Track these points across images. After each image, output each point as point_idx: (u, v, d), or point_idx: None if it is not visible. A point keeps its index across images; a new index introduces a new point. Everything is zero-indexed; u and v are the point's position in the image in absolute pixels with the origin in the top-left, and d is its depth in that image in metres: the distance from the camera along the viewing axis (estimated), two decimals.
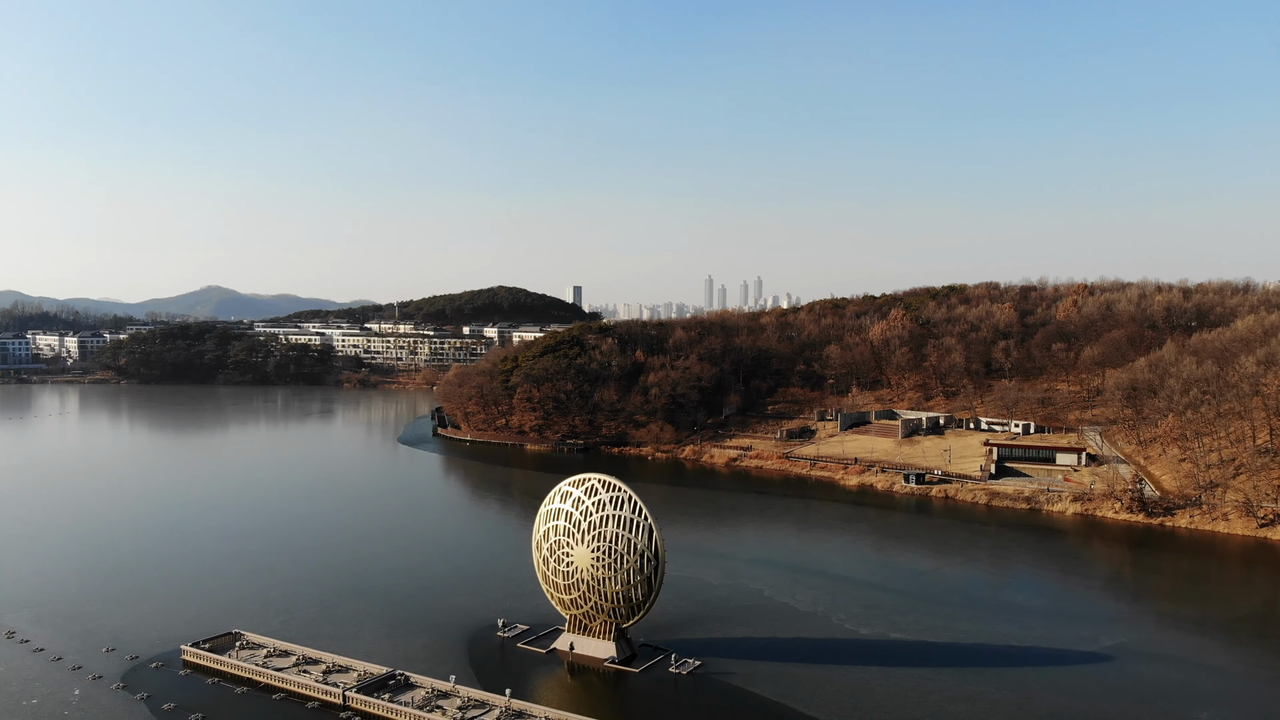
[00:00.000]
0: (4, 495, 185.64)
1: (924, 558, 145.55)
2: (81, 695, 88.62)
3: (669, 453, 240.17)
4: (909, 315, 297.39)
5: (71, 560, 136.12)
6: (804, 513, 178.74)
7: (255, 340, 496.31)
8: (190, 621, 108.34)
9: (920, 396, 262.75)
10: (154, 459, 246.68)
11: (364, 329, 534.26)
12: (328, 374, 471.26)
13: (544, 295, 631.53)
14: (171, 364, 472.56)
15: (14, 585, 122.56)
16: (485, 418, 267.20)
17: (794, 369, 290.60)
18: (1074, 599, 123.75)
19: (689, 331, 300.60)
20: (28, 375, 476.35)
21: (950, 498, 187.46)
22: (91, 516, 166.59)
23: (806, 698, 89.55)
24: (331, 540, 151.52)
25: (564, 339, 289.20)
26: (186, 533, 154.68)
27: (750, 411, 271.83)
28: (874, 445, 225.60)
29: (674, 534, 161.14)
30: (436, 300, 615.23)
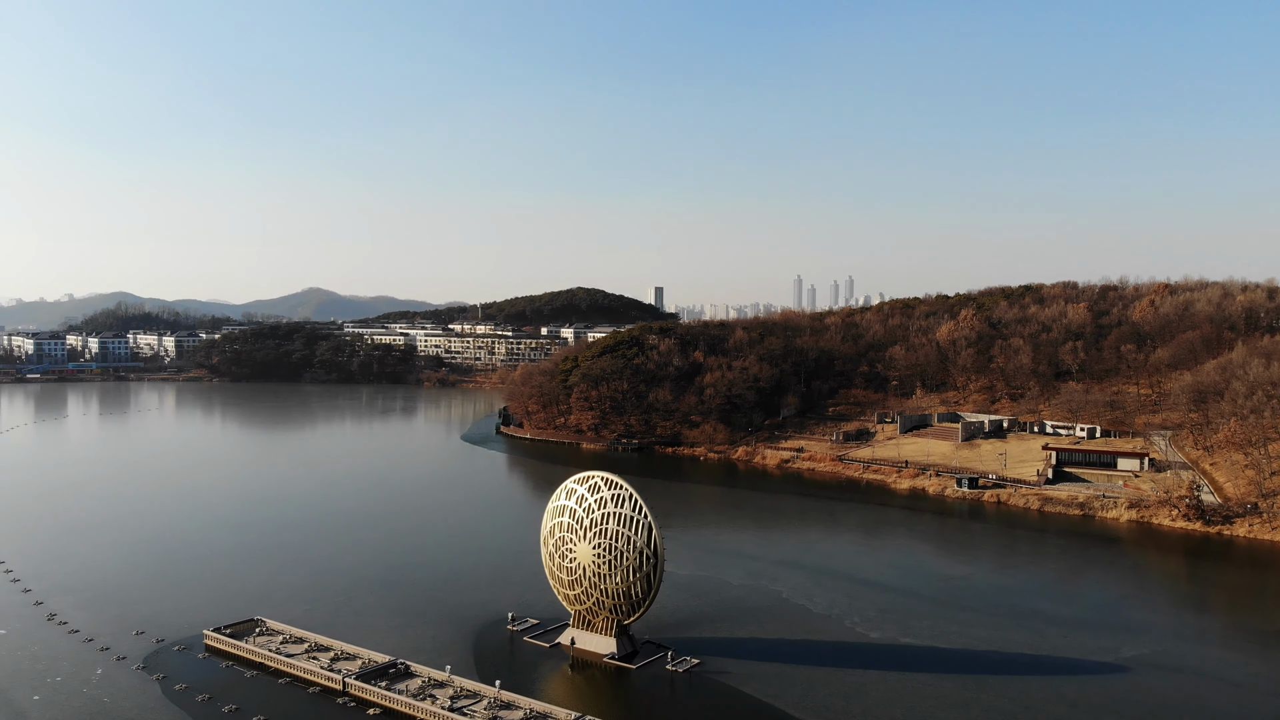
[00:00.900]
0: (79, 486, 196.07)
1: (958, 563, 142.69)
2: (102, 674, 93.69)
3: (722, 453, 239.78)
4: (979, 315, 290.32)
5: (123, 548, 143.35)
6: (846, 516, 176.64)
7: (341, 340, 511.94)
8: (220, 608, 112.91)
9: (986, 399, 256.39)
10: (229, 453, 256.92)
11: (446, 330, 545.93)
12: (409, 373, 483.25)
13: (621, 296, 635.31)
14: (261, 362, 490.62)
15: (65, 571, 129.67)
16: (545, 416, 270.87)
17: (857, 370, 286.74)
18: (1104, 608, 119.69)
19: (750, 332, 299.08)
20: (125, 373, 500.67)
21: (1002, 503, 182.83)
22: (153, 507, 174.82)
23: (797, 699, 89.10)
24: (370, 533, 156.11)
25: (623, 339, 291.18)
26: (237, 524, 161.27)
27: (810, 413, 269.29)
28: (931, 449, 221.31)
29: (705, 534, 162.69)
30: (517, 301, 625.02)
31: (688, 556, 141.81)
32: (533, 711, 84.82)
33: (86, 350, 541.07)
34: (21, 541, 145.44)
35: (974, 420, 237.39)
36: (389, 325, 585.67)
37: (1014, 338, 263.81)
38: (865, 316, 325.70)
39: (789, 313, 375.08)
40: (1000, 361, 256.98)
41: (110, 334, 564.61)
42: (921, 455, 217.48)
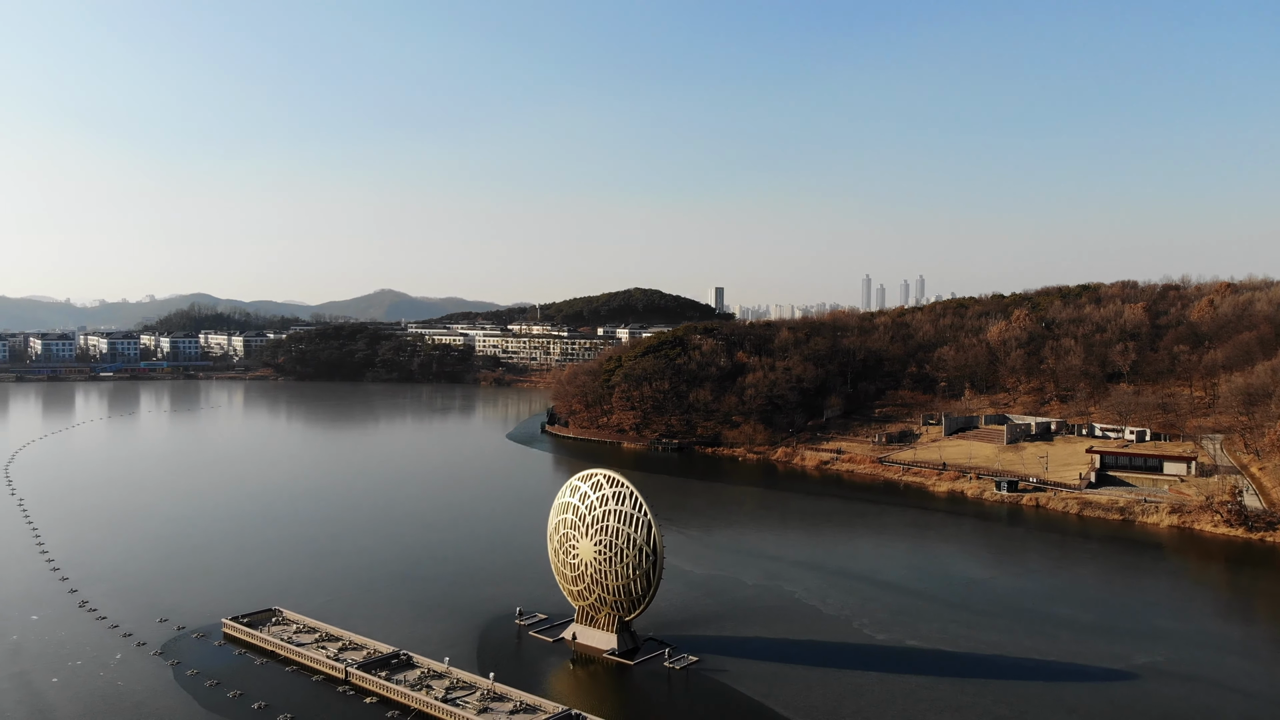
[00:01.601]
0: (133, 479, 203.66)
1: (983, 566, 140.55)
2: (121, 659, 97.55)
3: (761, 454, 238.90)
4: (1032, 315, 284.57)
5: (161, 540, 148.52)
6: (877, 518, 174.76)
7: (402, 340, 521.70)
8: (243, 597, 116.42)
9: (1035, 401, 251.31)
10: (282, 449, 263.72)
11: (505, 330, 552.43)
12: (467, 372, 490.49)
13: (678, 297, 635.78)
14: (325, 362, 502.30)
15: (103, 561, 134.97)
16: (588, 416, 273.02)
17: (905, 371, 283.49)
18: (1126, 614, 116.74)
19: (796, 332, 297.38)
20: (194, 372, 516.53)
21: (1041, 506, 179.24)
22: (197, 500, 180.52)
23: (789, 699, 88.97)
24: (399, 528, 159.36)
25: (667, 339, 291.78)
26: (273, 517, 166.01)
27: (855, 414, 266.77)
28: (975, 451, 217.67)
29: (729, 534, 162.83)
30: (575, 303, 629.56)
31: (708, 556, 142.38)
32: (522, 704, 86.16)
33: (159, 349, 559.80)
34: (67, 531, 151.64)
35: (1021, 422, 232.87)
36: (450, 326, 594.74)
37: (1065, 338, 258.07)
38: (916, 316, 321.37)
39: (838, 312, 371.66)
40: (1051, 362, 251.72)
41: (181, 334, 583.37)
42: (964, 458, 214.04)
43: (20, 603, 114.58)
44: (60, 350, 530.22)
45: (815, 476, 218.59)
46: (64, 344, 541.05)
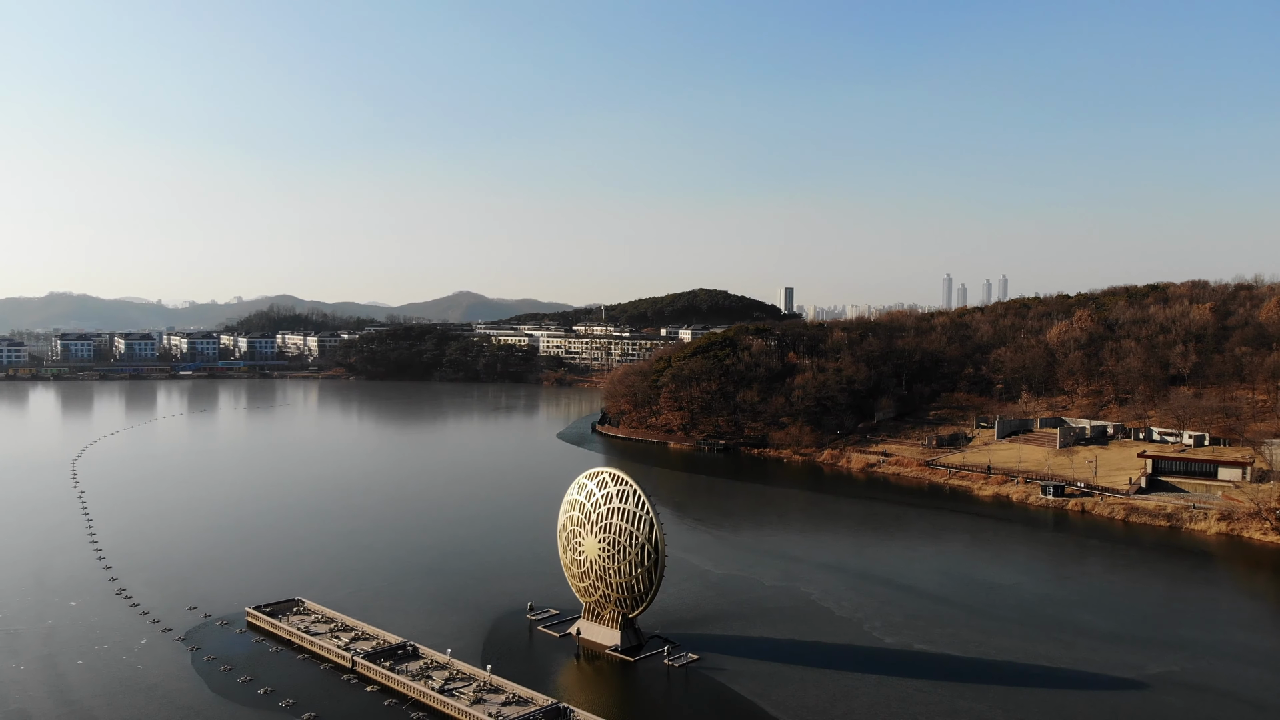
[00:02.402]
0: (192, 474, 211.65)
1: (1012, 571, 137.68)
2: (145, 644, 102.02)
3: (807, 456, 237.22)
4: (1095, 316, 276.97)
5: (205, 531, 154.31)
6: (914, 521, 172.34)
7: (469, 341, 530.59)
8: (273, 588, 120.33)
9: (1093, 403, 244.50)
10: (341, 445, 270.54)
11: (568, 331, 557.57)
12: (530, 372, 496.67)
13: (744, 297, 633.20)
14: (394, 362, 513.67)
15: (146, 551, 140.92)
16: (637, 416, 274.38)
17: (962, 373, 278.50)
18: (1150, 622, 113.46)
19: (850, 332, 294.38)
20: (270, 371, 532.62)
21: (1087, 511, 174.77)
22: (247, 493, 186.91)
23: (782, 698, 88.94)
24: (433, 523, 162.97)
25: (717, 340, 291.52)
26: (316, 510, 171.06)
27: (908, 417, 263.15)
28: (1025, 454, 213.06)
29: (757, 535, 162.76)
30: (640, 303, 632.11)
31: (731, 556, 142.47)
32: (515, 696, 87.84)
33: (237, 349, 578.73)
34: (119, 523, 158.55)
35: (1076, 425, 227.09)
36: (517, 327, 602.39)
37: (1126, 339, 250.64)
38: (975, 317, 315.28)
39: (895, 312, 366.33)
40: (1110, 364, 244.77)
41: (258, 334, 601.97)
42: (1013, 461, 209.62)
43: (62, 589, 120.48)
44: (142, 350, 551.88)
45: (860, 479, 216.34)
46: (146, 344, 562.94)
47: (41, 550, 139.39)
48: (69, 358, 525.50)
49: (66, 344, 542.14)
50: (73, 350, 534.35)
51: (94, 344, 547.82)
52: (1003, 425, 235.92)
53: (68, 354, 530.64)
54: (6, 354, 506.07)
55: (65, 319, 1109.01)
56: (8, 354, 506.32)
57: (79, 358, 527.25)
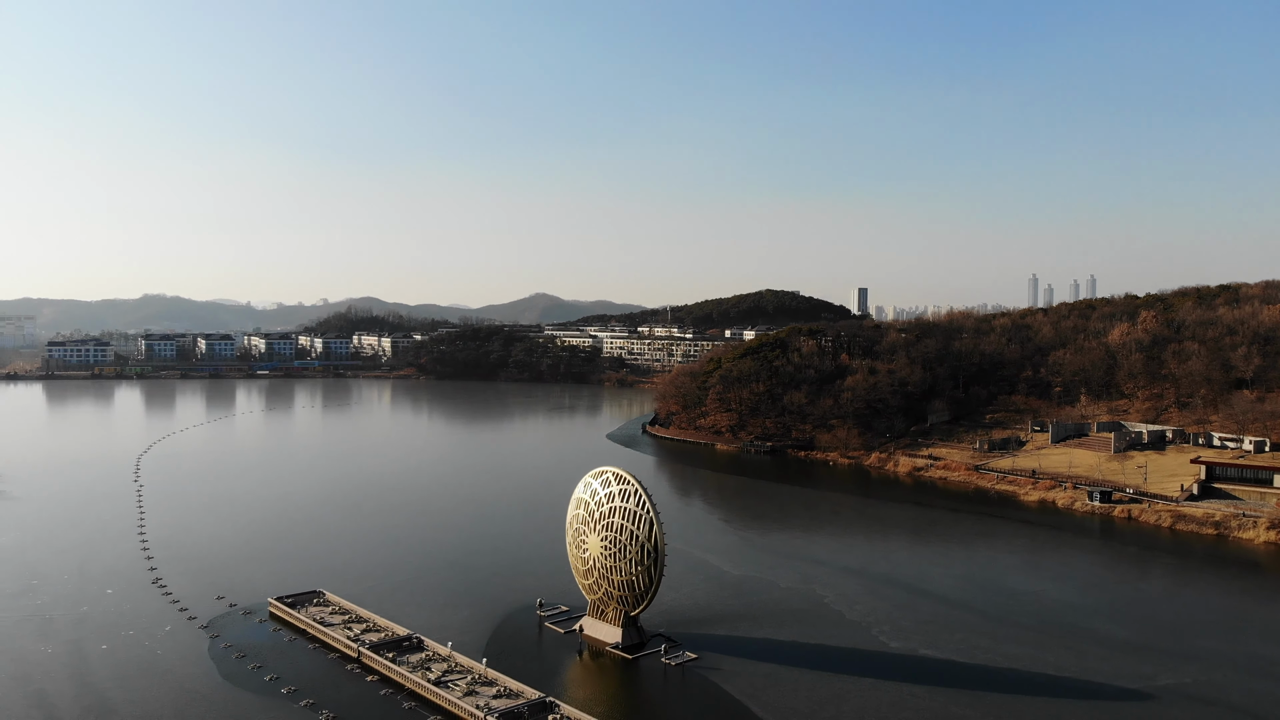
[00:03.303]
0: (248, 469, 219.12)
1: (1039, 579, 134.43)
2: (169, 631, 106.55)
3: (855, 459, 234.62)
4: (1159, 317, 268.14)
5: (248, 524, 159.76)
6: (950, 526, 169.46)
7: (534, 342, 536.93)
8: (300, 579, 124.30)
9: (1153, 407, 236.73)
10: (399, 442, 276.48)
11: (633, 332, 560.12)
12: (592, 373, 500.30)
13: (811, 298, 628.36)
14: (462, 362, 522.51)
15: (188, 542, 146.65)
16: (687, 417, 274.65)
17: (1020, 375, 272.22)
18: (1172, 633, 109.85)
19: (906, 333, 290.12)
20: (343, 370, 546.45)
21: (1133, 518, 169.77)
22: (297, 488, 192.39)
23: (771, 699, 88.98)
24: (465, 519, 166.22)
25: (768, 341, 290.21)
26: (357, 505, 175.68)
27: (964, 420, 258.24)
28: (1078, 459, 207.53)
29: (783, 537, 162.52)
30: (705, 305, 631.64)
31: (753, 558, 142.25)
32: (506, 689, 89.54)
33: (313, 349, 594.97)
34: (168, 515, 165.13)
35: (1134, 430, 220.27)
36: (582, 328, 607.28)
37: (1189, 341, 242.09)
38: (1036, 318, 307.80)
39: (954, 313, 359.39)
40: (1172, 367, 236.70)
41: (334, 335, 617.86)
42: (1064, 466, 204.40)
43: (102, 578, 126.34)
44: (222, 350, 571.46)
45: (907, 483, 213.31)
46: (226, 344, 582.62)
47: (90, 541, 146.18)
48: (152, 357, 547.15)
49: (150, 344, 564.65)
50: (156, 350, 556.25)
51: (176, 344, 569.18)
52: (1058, 429, 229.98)
53: (151, 353, 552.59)
54: (93, 353, 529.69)
55: (158, 320, 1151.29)
56: (94, 353, 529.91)
57: (162, 357, 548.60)
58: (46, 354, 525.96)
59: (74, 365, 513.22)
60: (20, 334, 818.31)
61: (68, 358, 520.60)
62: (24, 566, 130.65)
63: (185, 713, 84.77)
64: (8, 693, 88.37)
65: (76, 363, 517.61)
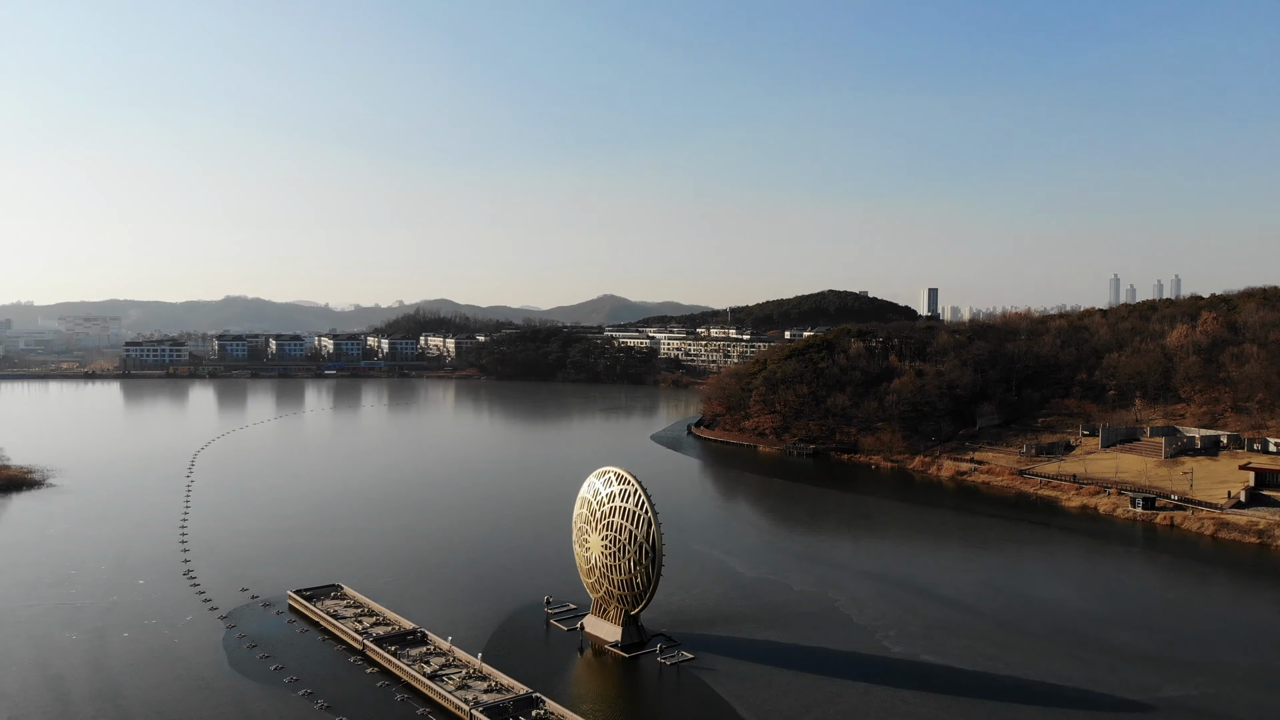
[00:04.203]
0: (298, 466, 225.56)
1: (1062, 586, 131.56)
2: (189, 621, 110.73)
3: (898, 463, 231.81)
4: (1220, 319, 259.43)
5: (284, 519, 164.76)
6: (982, 532, 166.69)
7: (592, 343, 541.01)
8: (324, 573, 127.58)
9: (1210, 412, 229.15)
10: (448, 440, 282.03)
11: (689, 333, 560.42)
12: (648, 374, 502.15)
13: (875, 299, 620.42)
14: (522, 363, 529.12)
15: (224, 535, 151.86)
16: (731, 419, 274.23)
17: (1075, 378, 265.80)
18: (1189, 644, 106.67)
19: (958, 335, 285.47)
20: (408, 371, 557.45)
21: (1175, 525, 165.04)
22: (340, 485, 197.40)
23: (759, 701, 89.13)
24: (493, 517, 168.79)
25: (815, 342, 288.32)
26: (392, 501, 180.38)
27: (1015, 423, 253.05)
28: (1126, 464, 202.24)
29: (808, 540, 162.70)
30: (766, 305, 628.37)
31: (771, 560, 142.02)
32: (496, 684, 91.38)
33: (380, 350, 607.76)
34: (212, 510, 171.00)
35: (1186, 434, 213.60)
36: (641, 329, 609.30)
37: (1249, 343, 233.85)
38: (1094, 320, 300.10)
39: (1009, 315, 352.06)
40: (1230, 370, 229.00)
41: (400, 336, 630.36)
42: (1111, 471, 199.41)
43: (136, 569, 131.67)
44: (292, 350, 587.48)
45: (949, 488, 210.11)
46: (295, 345, 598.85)
47: (133, 534, 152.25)
48: (225, 357, 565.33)
49: (223, 344, 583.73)
50: (228, 350, 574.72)
51: (248, 345, 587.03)
52: (1109, 434, 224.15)
53: (224, 354, 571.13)
54: (168, 353, 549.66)
55: (239, 321, 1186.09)
56: (169, 353, 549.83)
57: (234, 357, 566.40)
58: (124, 354, 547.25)
59: (150, 365, 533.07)
60: (105, 334, 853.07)
61: (144, 357, 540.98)
62: (66, 557, 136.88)
63: (188, 699, 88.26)
64: (27, 675, 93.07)
65: (152, 362, 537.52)
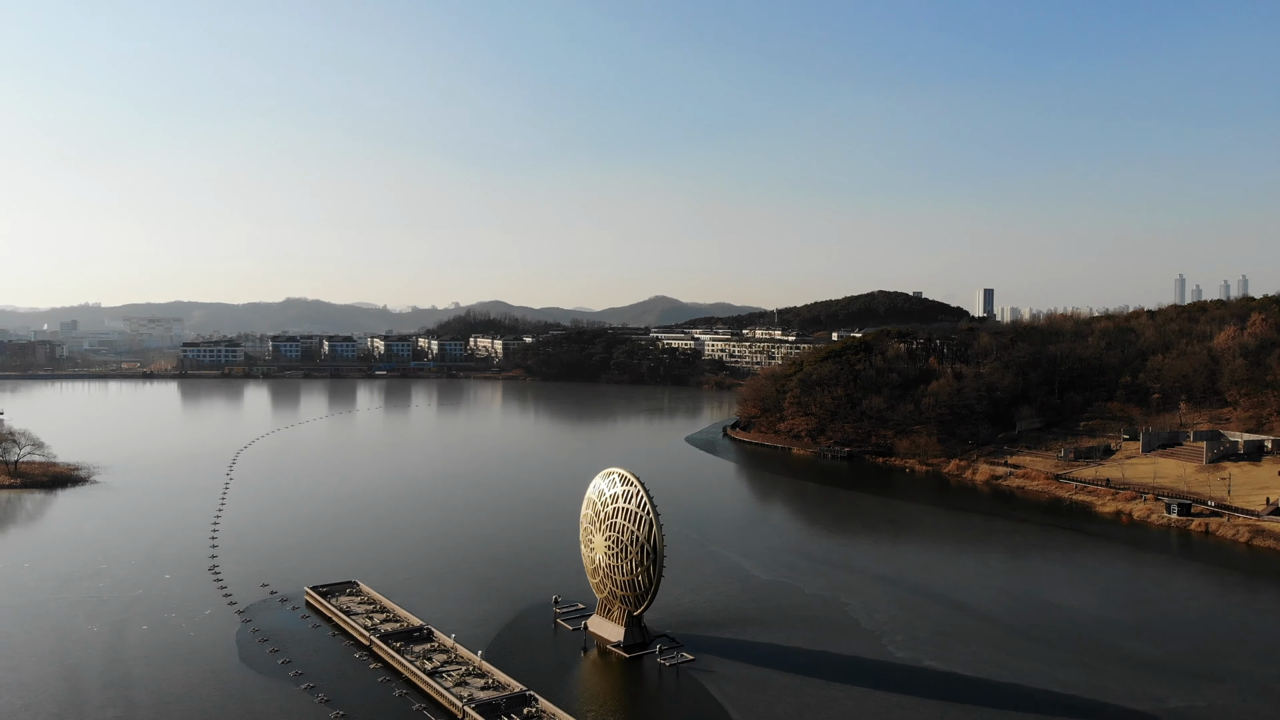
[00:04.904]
0: (337, 463, 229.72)
1: (1082, 593, 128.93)
2: (208, 615, 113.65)
3: (933, 466, 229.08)
4: (1270, 320, 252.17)
5: (313, 516, 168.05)
6: (1007, 537, 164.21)
7: (636, 345, 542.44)
8: (344, 570, 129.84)
9: (1257, 415, 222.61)
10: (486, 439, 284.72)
11: (734, 335, 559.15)
12: (692, 375, 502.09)
13: (926, 299, 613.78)
14: (566, 364, 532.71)
15: (254, 531, 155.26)
16: (767, 421, 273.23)
17: (1119, 381, 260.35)
18: (1205, 654, 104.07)
19: (1000, 337, 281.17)
20: (456, 371, 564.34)
21: (1210, 532, 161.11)
22: (373, 482, 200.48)
23: (751, 704, 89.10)
24: (517, 516, 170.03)
25: (852, 344, 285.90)
26: (422, 499, 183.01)
27: (1057, 427, 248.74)
28: (1165, 470, 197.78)
29: (827, 543, 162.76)
30: (814, 306, 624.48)
31: (786, 563, 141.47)
32: (493, 681, 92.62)
33: (429, 351, 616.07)
34: (246, 507, 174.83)
35: (1230, 439, 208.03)
36: (688, 331, 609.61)
37: None
38: (1140, 321, 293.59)
39: (1053, 316, 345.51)
40: (1278, 373, 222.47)
41: (449, 337, 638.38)
42: (1149, 476, 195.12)
43: (164, 564, 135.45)
44: (344, 351, 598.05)
45: (984, 492, 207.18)
46: (347, 346, 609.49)
47: (166, 530, 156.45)
48: (279, 358, 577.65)
49: (277, 345, 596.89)
50: (283, 351, 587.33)
51: (301, 346, 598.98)
52: (1150, 438, 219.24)
53: (278, 354, 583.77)
54: (224, 354, 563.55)
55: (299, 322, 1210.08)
56: (225, 354, 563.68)
57: (288, 358, 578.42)
58: (181, 354, 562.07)
59: (206, 365, 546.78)
60: (168, 335, 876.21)
61: (201, 358, 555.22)
62: (98, 552, 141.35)
63: (194, 690, 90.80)
64: (45, 664, 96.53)
65: (209, 363, 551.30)
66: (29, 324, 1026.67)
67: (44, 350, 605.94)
